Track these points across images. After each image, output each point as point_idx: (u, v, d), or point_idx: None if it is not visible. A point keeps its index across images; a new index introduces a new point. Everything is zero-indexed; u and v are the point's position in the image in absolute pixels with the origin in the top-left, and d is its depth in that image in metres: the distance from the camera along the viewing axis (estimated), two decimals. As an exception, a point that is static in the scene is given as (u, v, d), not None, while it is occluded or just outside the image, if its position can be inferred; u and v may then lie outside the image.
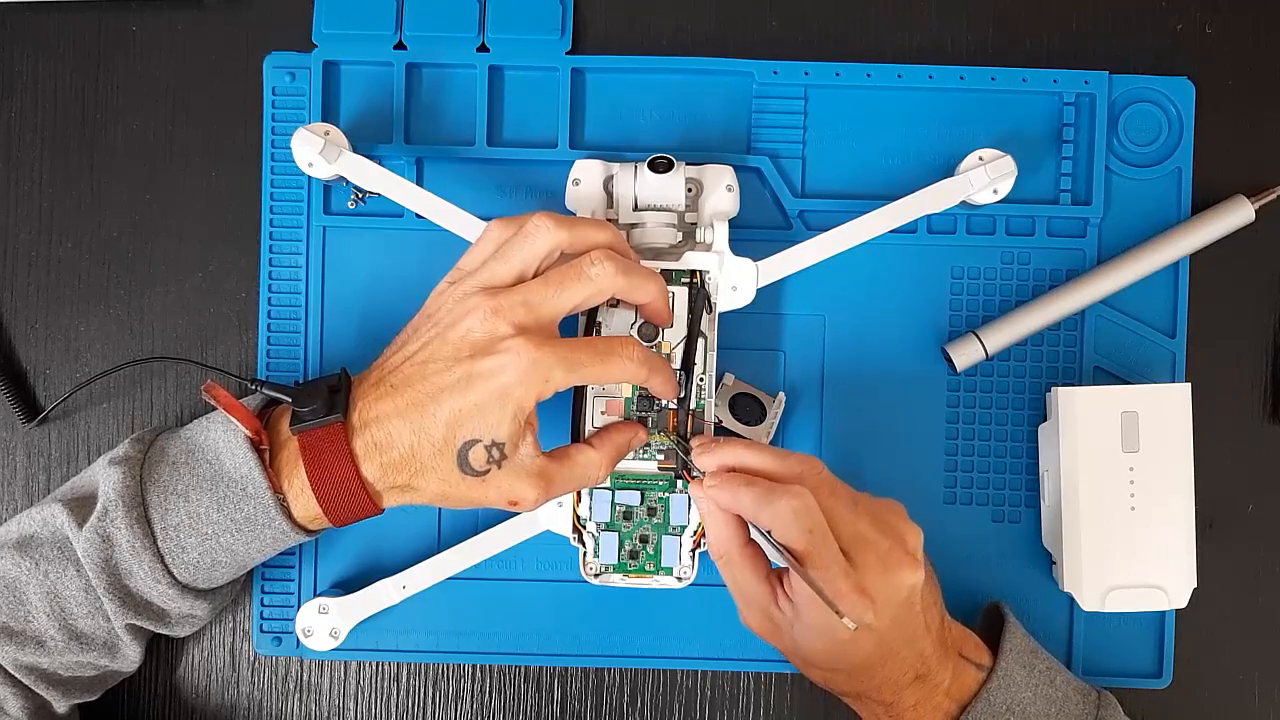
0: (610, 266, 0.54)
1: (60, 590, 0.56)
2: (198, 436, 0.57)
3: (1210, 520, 0.64)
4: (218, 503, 0.55)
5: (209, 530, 0.55)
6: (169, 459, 0.56)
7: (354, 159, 0.60)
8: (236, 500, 0.55)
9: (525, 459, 0.54)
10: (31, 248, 0.66)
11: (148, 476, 0.56)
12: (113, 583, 0.55)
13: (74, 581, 0.56)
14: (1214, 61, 0.66)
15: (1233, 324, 0.66)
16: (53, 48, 0.65)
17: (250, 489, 0.55)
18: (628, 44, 0.66)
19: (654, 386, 0.57)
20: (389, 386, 0.54)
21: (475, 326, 0.53)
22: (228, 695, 0.66)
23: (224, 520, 0.55)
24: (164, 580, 0.56)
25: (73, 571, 0.56)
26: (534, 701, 0.66)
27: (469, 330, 0.53)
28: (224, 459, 0.55)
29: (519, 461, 0.54)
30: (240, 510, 0.55)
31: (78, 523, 0.56)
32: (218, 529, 0.55)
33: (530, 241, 0.54)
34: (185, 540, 0.55)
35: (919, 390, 0.65)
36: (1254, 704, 0.66)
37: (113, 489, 0.55)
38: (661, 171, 0.59)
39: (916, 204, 0.62)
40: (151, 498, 0.55)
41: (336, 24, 0.64)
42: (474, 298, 0.54)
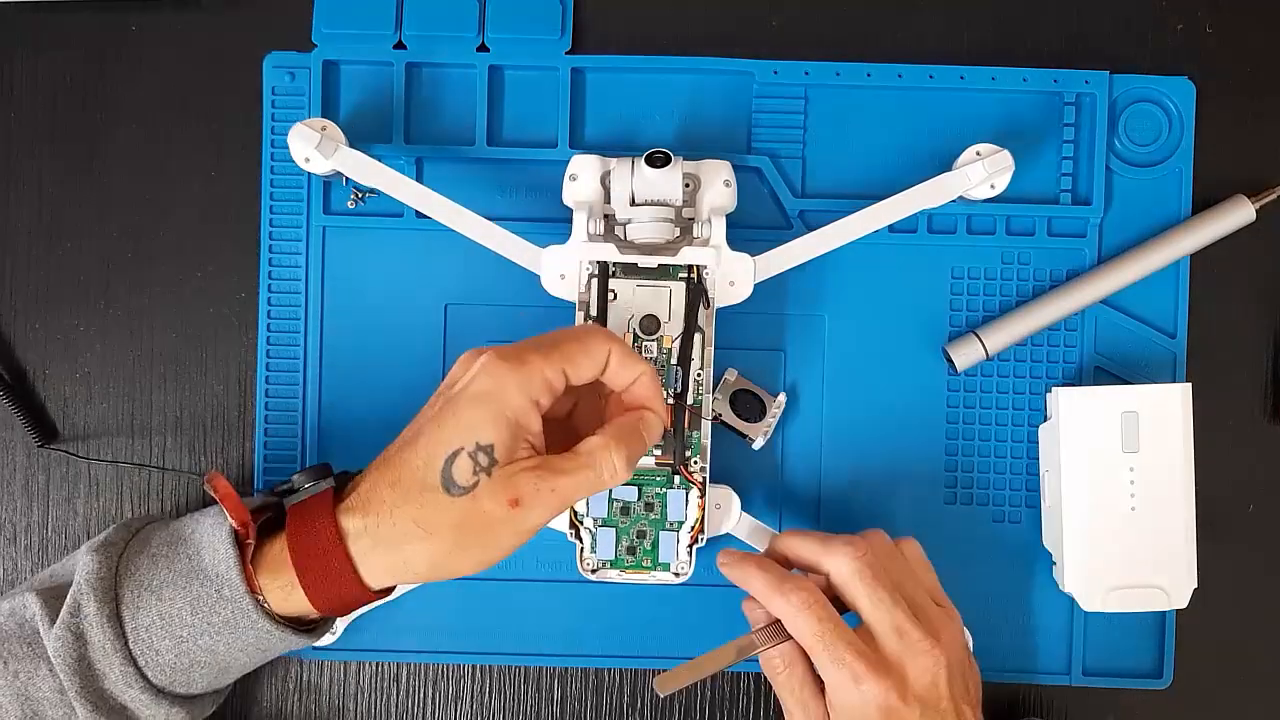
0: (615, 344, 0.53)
1: (32, 691, 0.52)
2: (186, 527, 0.54)
3: (1210, 520, 0.64)
4: (192, 603, 0.52)
5: (184, 633, 0.52)
6: (150, 550, 0.53)
7: (350, 154, 0.60)
8: (212, 602, 0.52)
9: (523, 462, 0.51)
10: (31, 248, 0.66)
11: (124, 568, 0.52)
12: (85, 685, 0.51)
13: (46, 681, 0.52)
14: (1214, 61, 0.66)
15: (1233, 324, 0.65)
16: (53, 48, 0.65)
17: (227, 591, 0.52)
18: (628, 44, 0.66)
19: (628, 374, 0.53)
20: (380, 459, 0.53)
21: (455, 368, 0.53)
22: (228, 695, 0.66)
23: (200, 623, 0.52)
24: (136, 684, 0.52)
25: (45, 671, 0.52)
26: (534, 701, 0.66)
27: (450, 374, 0.53)
28: (204, 553, 0.52)
29: (516, 466, 0.50)
30: (217, 613, 0.52)
31: (50, 617, 0.52)
32: (194, 631, 0.52)
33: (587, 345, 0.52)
34: (159, 642, 0.52)
35: (919, 390, 0.65)
36: (1254, 704, 0.65)
37: (85, 579, 0.52)
38: (659, 166, 0.59)
39: (914, 199, 0.61)
40: (125, 593, 0.52)
41: (336, 24, 0.64)
42: (483, 364, 0.52)
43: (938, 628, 0.54)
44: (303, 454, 0.64)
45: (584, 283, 0.60)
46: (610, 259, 0.60)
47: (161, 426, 0.66)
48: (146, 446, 0.66)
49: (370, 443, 0.64)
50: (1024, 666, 0.65)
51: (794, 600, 0.54)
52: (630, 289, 0.60)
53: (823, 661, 0.54)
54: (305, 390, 0.65)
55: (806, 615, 0.54)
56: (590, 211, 0.60)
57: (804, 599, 0.54)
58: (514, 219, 0.63)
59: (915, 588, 0.56)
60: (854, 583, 0.54)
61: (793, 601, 0.54)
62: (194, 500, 0.66)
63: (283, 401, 0.64)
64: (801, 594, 0.54)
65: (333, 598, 0.52)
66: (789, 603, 0.54)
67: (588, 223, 0.60)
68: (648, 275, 0.60)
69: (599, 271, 0.60)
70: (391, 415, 0.64)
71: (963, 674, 0.55)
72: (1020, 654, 0.65)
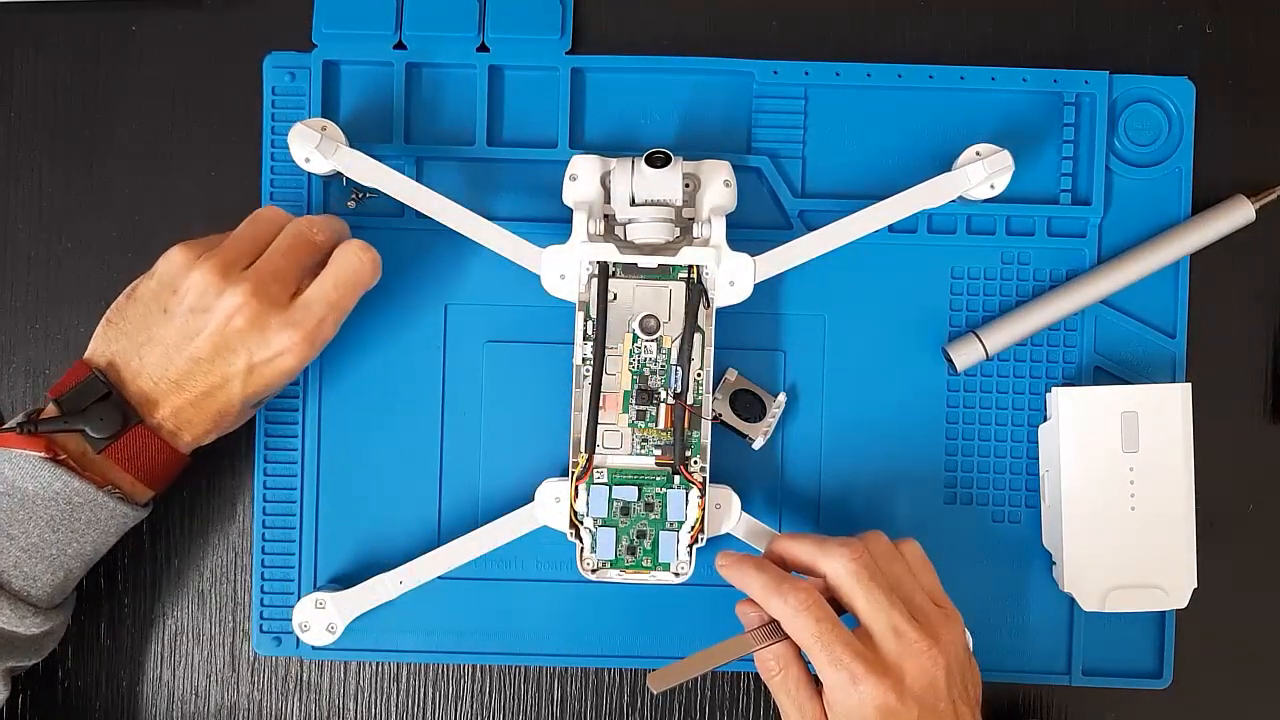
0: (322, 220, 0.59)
1: None
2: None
3: (1210, 520, 0.64)
4: (49, 523, 0.56)
5: (53, 551, 0.56)
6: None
7: (350, 154, 0.61)
8: (66, 513, 0.56)
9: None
10: (31, 248, 0.66)
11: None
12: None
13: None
14: (1214, 61, 0.66)
15: (1233, 324, 0.65)
16: (53, 48, 0.65)
17: (77, 498, 0.56)
18: (628, 44, 0.66)
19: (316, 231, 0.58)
20: (173, 384, 0.57)
21: (239, 317, 0.56)
22: (228, 695, 0.66)
23: (63, 535, 0.56)
24: (29, 614, 0.56)
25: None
26: (534, 701, 0.66)
27: (230, 324, 0.56)
28: (26, 485, 0.55)
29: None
30: (77, 518, 0.56)
31: None
32: (62, 544, 0.56)
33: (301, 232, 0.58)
34: (33, 570, 0.56)
35: (919, 390, 0.65)
36: (1254, 704, 0.65)
37: None
38: (659, 166, 0.59)
39: (914, 199, 0.61)
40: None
41: (336, 24, 0.64)
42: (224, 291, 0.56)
43: (937, 628, 0.54)
44: (303, 452, 0.64)
45: (584, 283, 0.60)
46: (610, 259, 0.60)
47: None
48: None
49: (370, 442, 0.65)
50: (1024, 666, 0.65)
51: (792, 601, 0.54)
52: (630, 289, 0.60)
53: (820, 662, 0.53)
54: (305, 389, 0.65)
55: (804, 616, 0.54)
56: (590, 211, 0.60)
57: (802, 600, 0.54)
58: (514, 219, 0.63)
59: (914, 589, 0.56)
60: (851, 584, 0.54)
61: (790, 602, 0.54)
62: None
63: (282, 401, 0.64)
64: (799, 595, 0.54)
65: (168, 479, 0.59)
66: (787, 603, 0.54)
67: (588, 223, 0.60)
68: (648, 275, 0.60)
69: (599, 271, 0.60)
70: (392, 414, 0.65)
71: (962, 675, 0.55)
72: (1020, 654, 0.65)
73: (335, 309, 0.57)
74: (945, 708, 0.53)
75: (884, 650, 0.53)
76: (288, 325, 0.56)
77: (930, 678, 0.53)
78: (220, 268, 0.56)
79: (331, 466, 0.65)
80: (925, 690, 0.53)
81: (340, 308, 0.57)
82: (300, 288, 0.57)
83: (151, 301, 0.57)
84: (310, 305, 0.56)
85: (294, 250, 0.57)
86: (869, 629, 0.54)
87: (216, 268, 0.56)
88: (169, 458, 0.57)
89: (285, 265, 0.57)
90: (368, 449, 0.65)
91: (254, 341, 0.56)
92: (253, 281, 0.56)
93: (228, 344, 0.56)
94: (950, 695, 0.54)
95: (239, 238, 0.58)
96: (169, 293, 0.57)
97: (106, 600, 0.65)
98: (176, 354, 0.56)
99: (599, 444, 0.60)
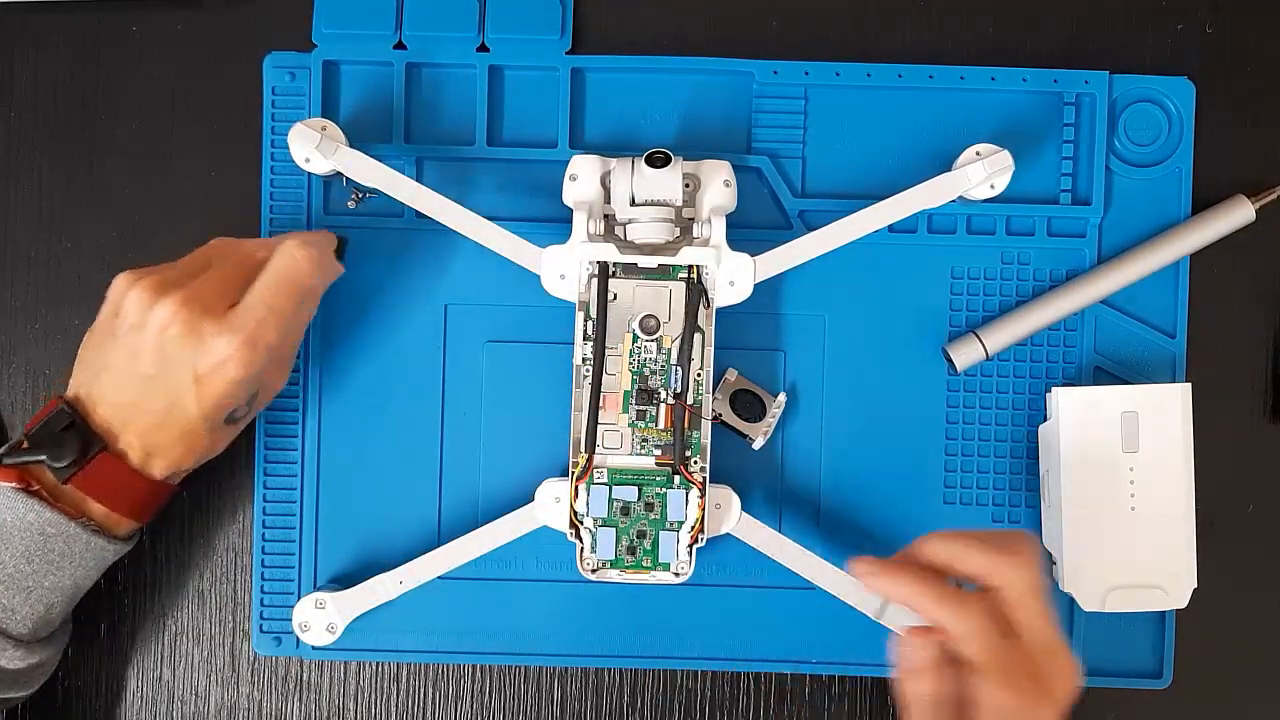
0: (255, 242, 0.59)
1: None
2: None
3: (1210, 520, 0.64)
4: (24, 554, 0.55)
5: (29, 583, 0.56)
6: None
7: (350, 154, 0.61)
8: (42, 544, 0.55)
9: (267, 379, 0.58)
10: (31, 248, 0.66)
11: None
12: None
13: None
14: (1214, 61, 0.66)
15: (1233, 324, 0.65)
16: (53, 48, 0.65)
17: (50, 529, 0.55)
18: (628, 44, 0.66)
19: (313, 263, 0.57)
20: (124, 404, 0.56)
21: (172, 329, 0.55)
22: (228, 695, 0.66)
23: (38, 566, 0.56)
24: (8, 647, 0.56)
25: None
26: (534, 701, 0.66)
27: (164, 335, 0.55)
28: (3, 516, 0.55)
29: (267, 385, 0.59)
30: (51, 550, 0.55)
31: None
32: (38, 576, 0.56)
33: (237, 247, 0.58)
34: (11, 603, 0.56)
35: (919, 390, 0.65)
36: (1254, 704, 0.65)
37: None
38: (659, 166, 0.59)
39: (913, 199, 0.61)
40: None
41: (336, 24, 0.64)
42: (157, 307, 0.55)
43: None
44: (303, 453, 0.64)
45: (584, 283, 0.60)
46: (610, 259, 0.60)
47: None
48: None
49: (370, 442, 0.65)
50: (1024, 666, 0.65)
51: (976, 615, 0.52)
52: (630, 289, 0.60)
53: (996, 684, 0.52)
54: (305, 389, 0.65)
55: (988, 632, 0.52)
56: (590, 211, 0.60)
57: (984, 612, 0.52)
58: (514, 219, 0.63)
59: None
60: (1031, 599, 0.53)
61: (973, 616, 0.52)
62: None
63: (282, 401, 0.64)
64: (981, 608, 0.52)
65: (152, 513, 0.59)
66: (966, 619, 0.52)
67: (588, 223, 0.60)
68: (648, 275, 0.60)
69: (599, 271, 0.60)
70: (392, 414, 0.65)
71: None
72: (1020, 654, 0.65)
73: (273, 310, 0.55)
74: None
75: (1044, 670, 0.52)
76: (224, 330, 0.54)
77: (1073, 693, 0.53)
78: (156, 284, 0.55)
79: (331, 466, 0.65)
80: (1069, 705, 0.53)
81: (278, 309, 0.55)
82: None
83: (102, 329, 0.57)
84: (246, 309, 0.55)
85: (235, 266, 0.57)
86: (1032, 645, 0.53)
87: (152, 284, 0.55)
88: (142, 485, 0.57)
89: (221, 277, 0.56)
90: (368, 449, 0.65)
91: (192, 350, 0.54)
92: (185, 290, 0.55)
93: (168, 357, 0.54)
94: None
95: (183, 261, 0.57)
96: (113, 316, 0.56)
97: (106, 600, 0.65)
98: (125, 376, 0.55)
99: (599, 444, 0.60)
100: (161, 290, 0.55)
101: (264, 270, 0.56)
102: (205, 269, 0.57)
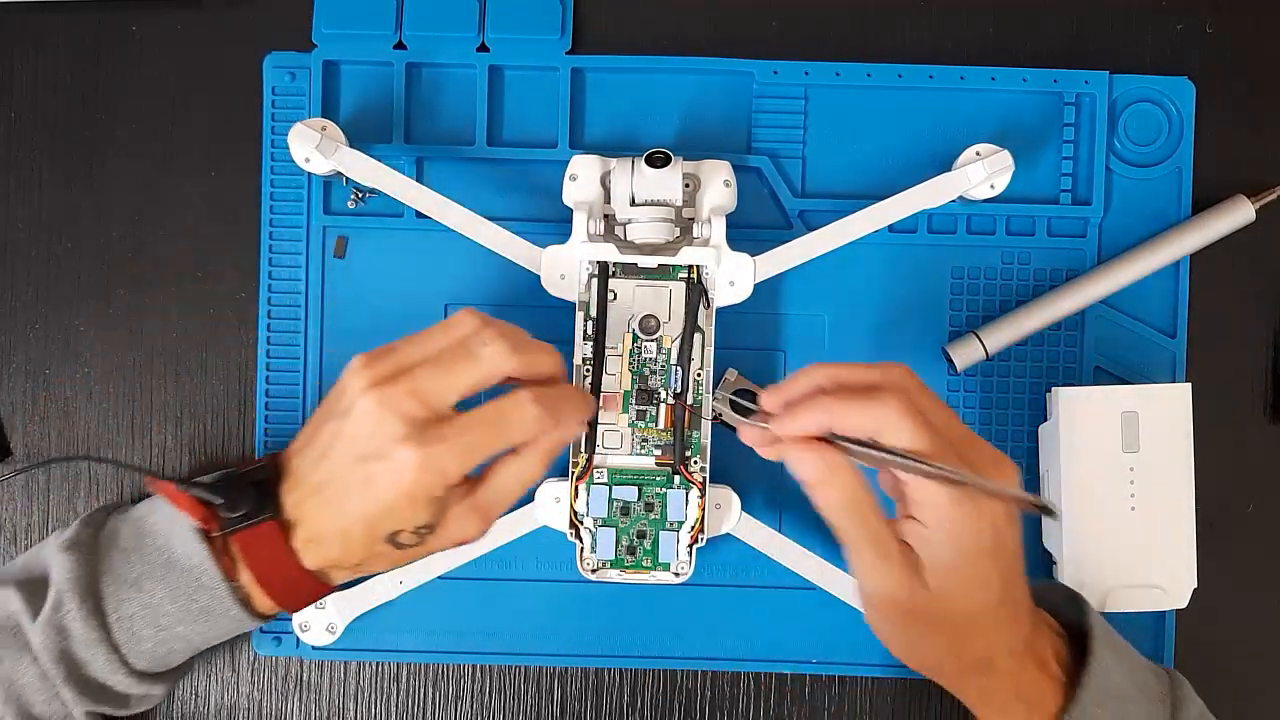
0: (502, 345, 0.52)
1: (15, 677, 0.55)
2: (147, 519, 0.56)
3: (1210, 520, 0.64)
4: (172, 593, 0.55)
5: (164, 621, 0.55)
6: (119, 544, 0.56)
7: (350, 154, 0.61)
8: (191, 591, 0.54)
9: (454, 516, 0.53)
10: (31, 248, 0.66)
11: (101, 564, 0.55)
12: (70, 673, 0.55)
13: (30, 669, 0.55)
14: (1214, 61, 0.66)
15: (1233, 324, 0.65)
16: (53, 48, 0.65)
17: (205, 580, 0.54)
18: (628, 44, 0.66)
19: (570, 420, 0.54)
20: (309, 486, 0.53)
21: (365, 424, 0.51)
22: (228, 695, 0.66)
23: (179, 611, 0.55)
24: (121, 670, 0.55)
25: (28, 660, 0.55)
26: (534, 701, 0.66)
27: (358, 426, 0.51)
28: (174, 546, 0.55)
29: (449, 520, 0.53)
30: (195, 601, 0.55)
31: (32, 612, 0.55)
32: (173, 619, 0.55)
33: (476, 365, 0.52)
34: (141, 630, 0.55)
35: (919, 390, 0.65)
36: (1254, 704, 0.65)
37: (65, 579, 0.54)
38: (659, 166, 0.59)
39: (914, 199, 0.62)
40: (105, 588, 0.55)
41: (336, 24, 0.64)
42: (363, 394, 0.51)
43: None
44: (303, 454, 0.64)
45: (584, 283, 0.60)
46: (610, 259, 0.60)
47: (161, 426, 0.66)
48: (146, 446, 0.66)
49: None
50: (1024, 666, 0.65)
51: (891, 398, 0.50)
52: (630, 289, 0.60)
53: (930, 476, 0.49)
54: (305, 390, 0.65)
55: (911, 413, 0.49)
56: (590, 211, 0.60)
57: (899, 399, 0.50)
58: (514, 219, 0.63)
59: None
60: (929, 397, 0.51)
61: (890, 399, 0.50)
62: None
63: (283, 401, 0.64)
64: (895, 396, 0.50)
65: (305, 603, 0.56)
66: (884, 403, 0.50)
67: (588, 223, 0.60)
68: (648, 275, 0.60)
69: (599, 271, 0.60)
70: (391, 415, 0.64)
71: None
72: (1020, 654, 0.65)
73: (470, 448, 0.51)
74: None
75: (974, 461, 0.50)
76: (409, 443, 0.50)
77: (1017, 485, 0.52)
78: (373, 377, 0.52)
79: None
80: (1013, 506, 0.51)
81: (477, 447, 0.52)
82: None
83: (327, 404, 0.54)
84: (443, 435, 0.51)
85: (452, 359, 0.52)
86: (951, 436, 0.50)
87: (370, 375, 0.52)
88: (292, 567, 0.54)
89: (437, 373, 0.52)
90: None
91: (375, 450, 0.51)
92: (395, 387, 0.51)
93: (354, 452, 0.52)
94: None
95: (420, 339, 0.54)
96: (339, 395, 0.53)
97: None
98: (318, 452, 0.53)
99: (599, 444, 0.60)
100: (375, 381, 0.51)
101: (504, 483, 0.53)
102: (436, 351, 0.53)
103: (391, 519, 0.52)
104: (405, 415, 0.50)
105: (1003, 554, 0.51)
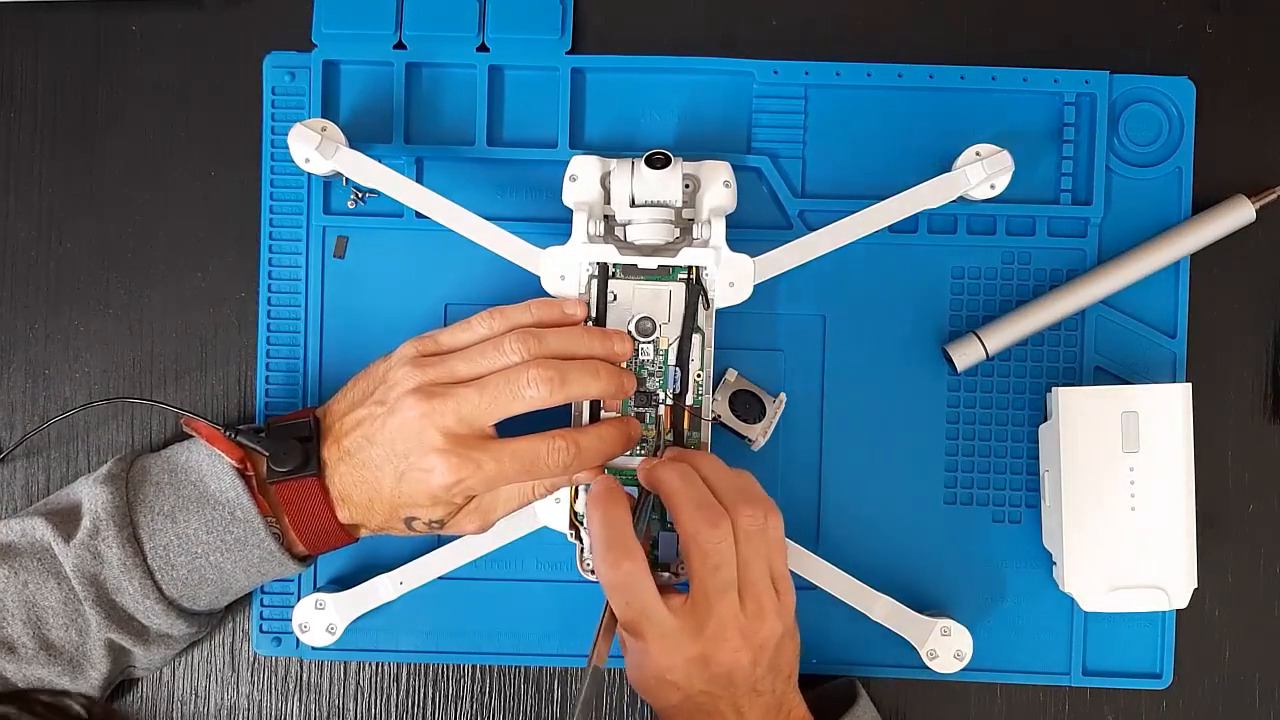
0: (545, 390, 0.55)
1: (39, 600, 0.57)
2: (179, 458, 0.59)
3: (1210, 520, 0.64)
4: (207, 524, 0.57)
5: (199, 550, 0.57)
6: (152, 479, 0.58)
7: (350, 154, 0.61)
8: (226, 523, 0.57)
9: (462, 513, 0.58)
10: (31, 248, 0.66)
11: (134, 496, 0.58)
12: (100, 596, 0.57)
13: (54, 593, 0.57)
14: (1214, 61, 0.66)
15: (1233, 324, 0.65)
16: (53, 48, 0.65)
17: (240, 513, 0.57)
18: (628, 44, 0.66)
19: (596, 462, 0.58)
20: (344, 450, 0.57)
21: (409, 427, 0.55)
22: (228, 695, 0.66)
23: (213, 540, 0.57)
24: (152, 595, 0.57)
25: (53, 584, 0.57)
26: (534, 701, 0.66)
27: (402, 426, 0.55)
28: (209, 482, 0.58)
29: (459, 517, 0.58)
30: (230, 532, 0.57)
31: (64, 537, 0.57)
32: (207, 548, 0.57)
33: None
34: (175, 559, 0.57)
35: (919, 390, 0.65)
36: (1254, 704, 0.65)
37: (102, 507, 0.57)
38: (659, 167, 0.59)
39: (914, 200, 0.62)
40: (140, 517, 0.57)
41: (336, 24, 0.64)
42: (409, 398, 0.55)
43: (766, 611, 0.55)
44: (303, 454, 0.64)
45: (584, 283, 0.60)
46: (610, 260, 0.60)
47: (162, 426, 0.66)
48: (147, 446, 0.66)
49: (370, 443, 0.64)
50: (1024, 666, 0.65)
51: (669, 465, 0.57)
52: (630, 290, 0.60)
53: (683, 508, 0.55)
54: (305, 390, 0.65)
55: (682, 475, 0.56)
56: (590, 212, 0.60)
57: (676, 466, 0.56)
58: (514, 219, 0.63)
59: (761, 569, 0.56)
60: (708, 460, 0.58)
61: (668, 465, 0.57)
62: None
63: (283, 401, 0.65)
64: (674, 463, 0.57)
65: (328, 549, 0.60)
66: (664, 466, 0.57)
67: (588, 223, 0.60)
68: (647, 276, 0.60)
69: (599, 272, 0.60)
70: (391, 415, 0.64)
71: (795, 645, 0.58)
72: (1020, 654, 0.65)
73: (498, 474, 0.56)
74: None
75: (727, 501, 0.55)
76: (446, 452, 0.55)
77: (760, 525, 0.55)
78: (424, 378, 0.56)
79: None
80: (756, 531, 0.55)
81: (503, 474, 0.56)
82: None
83: (375, 372, 0.59)
84: (483, 462, 0.56)
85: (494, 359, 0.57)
86: (717, 486, 0.56)
87: (420, 370, 0.56)
88: (328, 519, 0.58)
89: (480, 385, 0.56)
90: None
91: (417, 446, 0.55)
92: (444, 398, 0.55)
93: (400, 437, 0.55)
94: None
95: (469, 333, 0.58)
96: (387, 369, 0.58)
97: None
98: (365, 426, 0.57)
99: (599, 444, 0.60)
100: (422, 388, 0.55)
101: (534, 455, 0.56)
102: (484, 371, 0.56)
103: (413, 509, 0.57)
104: (446, 431, 0.55)
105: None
